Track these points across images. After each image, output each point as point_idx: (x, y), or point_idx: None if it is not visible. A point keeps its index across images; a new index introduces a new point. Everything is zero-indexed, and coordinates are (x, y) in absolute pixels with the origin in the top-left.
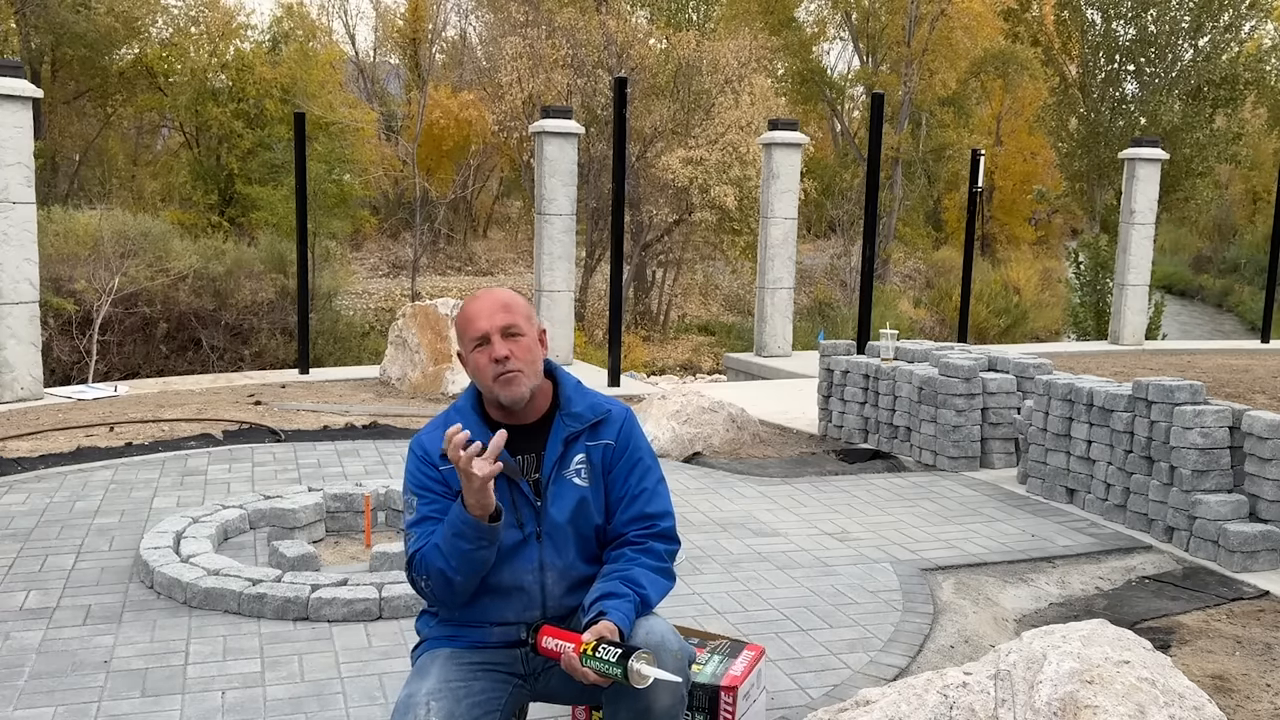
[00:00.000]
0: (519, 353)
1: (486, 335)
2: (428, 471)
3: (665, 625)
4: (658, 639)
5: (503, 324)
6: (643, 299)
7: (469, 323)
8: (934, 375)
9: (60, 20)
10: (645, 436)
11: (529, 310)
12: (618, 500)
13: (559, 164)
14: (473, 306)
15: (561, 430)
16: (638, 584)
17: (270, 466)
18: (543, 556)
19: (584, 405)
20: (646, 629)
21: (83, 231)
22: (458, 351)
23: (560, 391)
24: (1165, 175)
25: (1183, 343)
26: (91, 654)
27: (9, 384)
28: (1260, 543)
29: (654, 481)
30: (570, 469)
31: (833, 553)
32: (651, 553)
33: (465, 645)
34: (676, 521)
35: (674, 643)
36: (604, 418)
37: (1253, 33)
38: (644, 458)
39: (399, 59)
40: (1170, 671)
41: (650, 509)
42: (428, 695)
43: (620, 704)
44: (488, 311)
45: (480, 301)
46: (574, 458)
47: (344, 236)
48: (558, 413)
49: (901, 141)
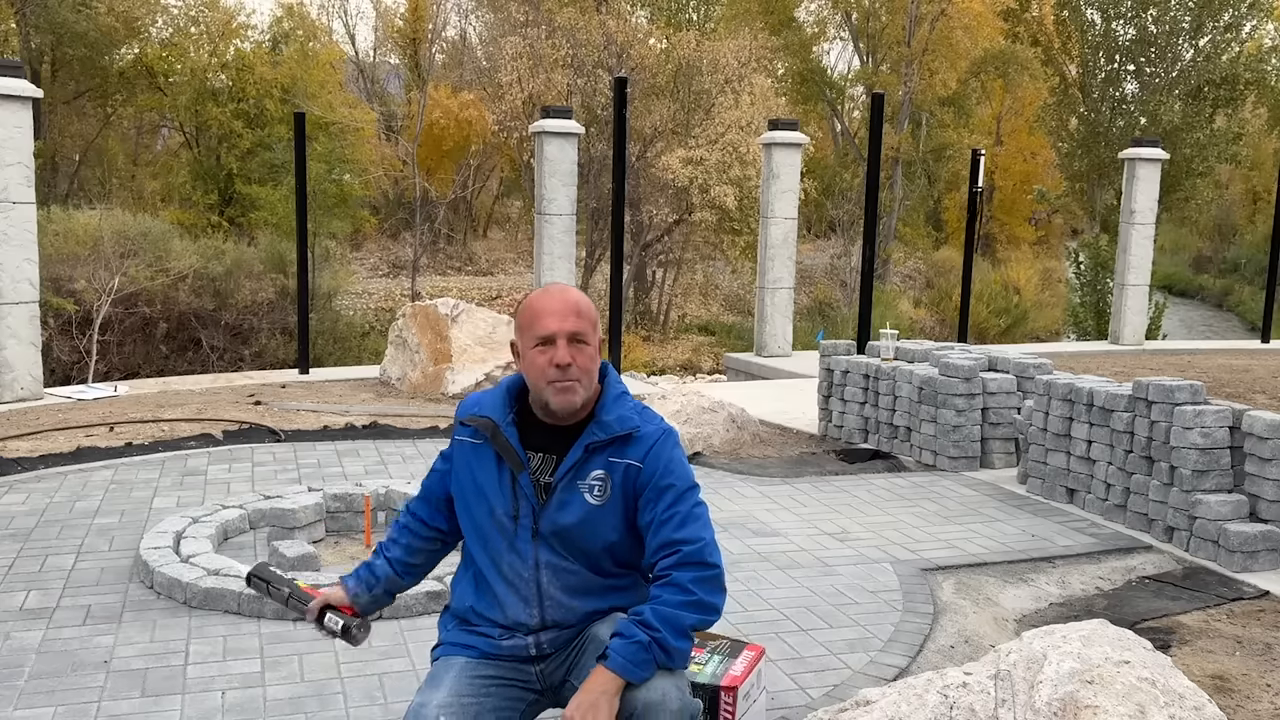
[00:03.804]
0: (582, 362)
1: (553, 337)
2: (451, 441)
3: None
4: (658, 695)
5: (572, 329)
6: (643, 299)
7: (536, 319)
8: (934, 375)
9: (60, 20)
10: (683, 458)
11: (596, 317)
12: (645, 527)
13: (559, 164)
14: (543, 302)
15: (587, 436)
16: (651, 625)
17: (270, 466)
18: (538, 555)
19: (614, 416)
20: (648, 688)
21: (83, 231)
22: (512, 341)
23: (601, 397)
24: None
25: (1183, 343)
26: (91, 654)
27: (9, 384)
28: (1260, 543)
29: (687, 506)
30: (586, 482)
31: (833, 553)
32: (674, 585)
33: (478, 656)
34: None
35: (675, 701)
36: (632, 433)
37: (1253, 33)
38: (675, 482)
39: (399, 59)
40: (1170, 671)
41: (677, 535)
42: (439, 708)
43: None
44: (560, 312)
45: (552, 299)
46: (592, 471)
47: (344, 236)
48: (591, 420)
49: (902, 141)
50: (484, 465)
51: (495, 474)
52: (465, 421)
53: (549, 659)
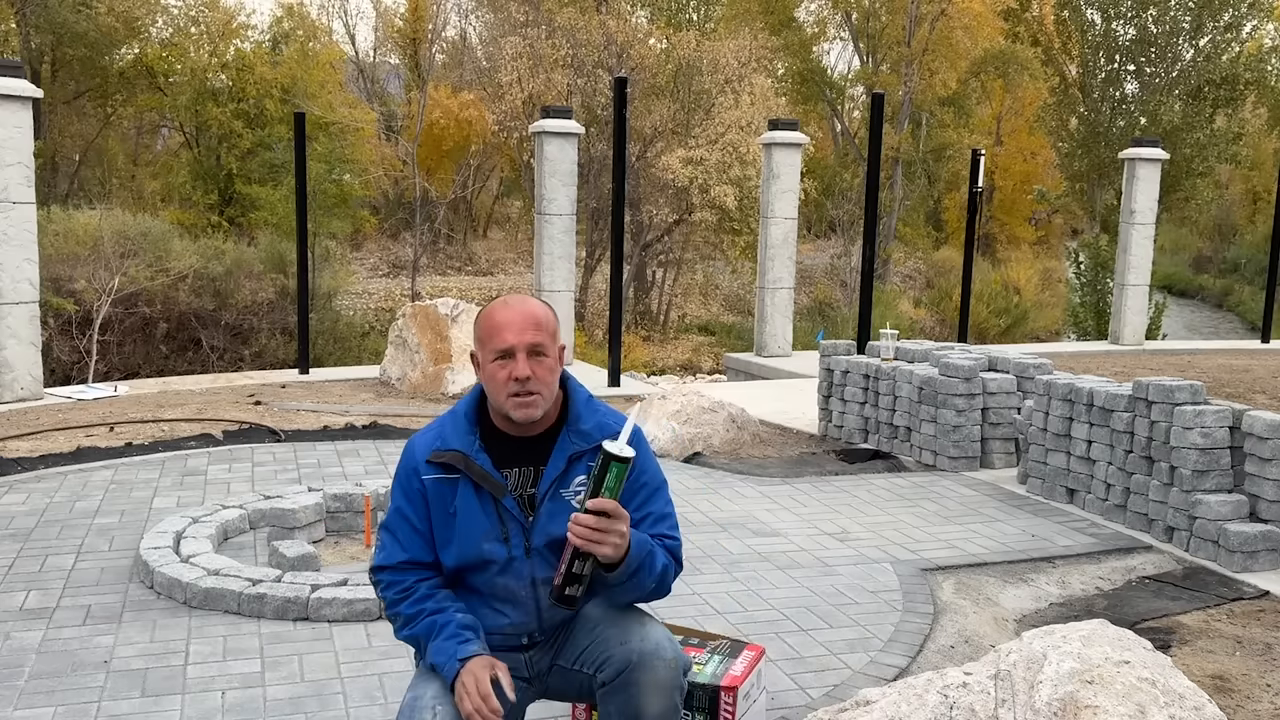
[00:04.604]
0: (541, 374)
1: (511, 350)
2: (410, 480)
3: (664, 631)
4: (653, 645)
5: (530, 342)
6: (643, 299)
7: (495, 332)
8: (934, 375)
9: (60, 20)
10: (651, 453)
11: (556, 327)
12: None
13: (559, 164)
14: (502, 315)
15: (567, 447)
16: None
17: (270, 466)
18: (534, 572)
19: (592, 424)
20: (641, 635)
21: (83, 231)
22: (472, 353)
23: (570, 405)
24: (1165, 175)
25: (1183, 343)
26: (91, 654)
27: (9, 384)
28: (1260, 543)
29: (661, 504)
30: (570, 489)
31: (833, 553)
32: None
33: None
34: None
35: (669, 650)
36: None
37: (1253, 33)
38: (649, 480)
39: (399, 59)
40: (1170, 671)
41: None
42: (433, 699)
43: (612, 705)
44: (517, 325)
45: (511, 311)
46: (575, 478)
47: (344, 236)
48: (564, 428)
49: (902, 141)
50: (461, 497)
51: (475, 503)
52: (432, 460)
53: (538, 646)
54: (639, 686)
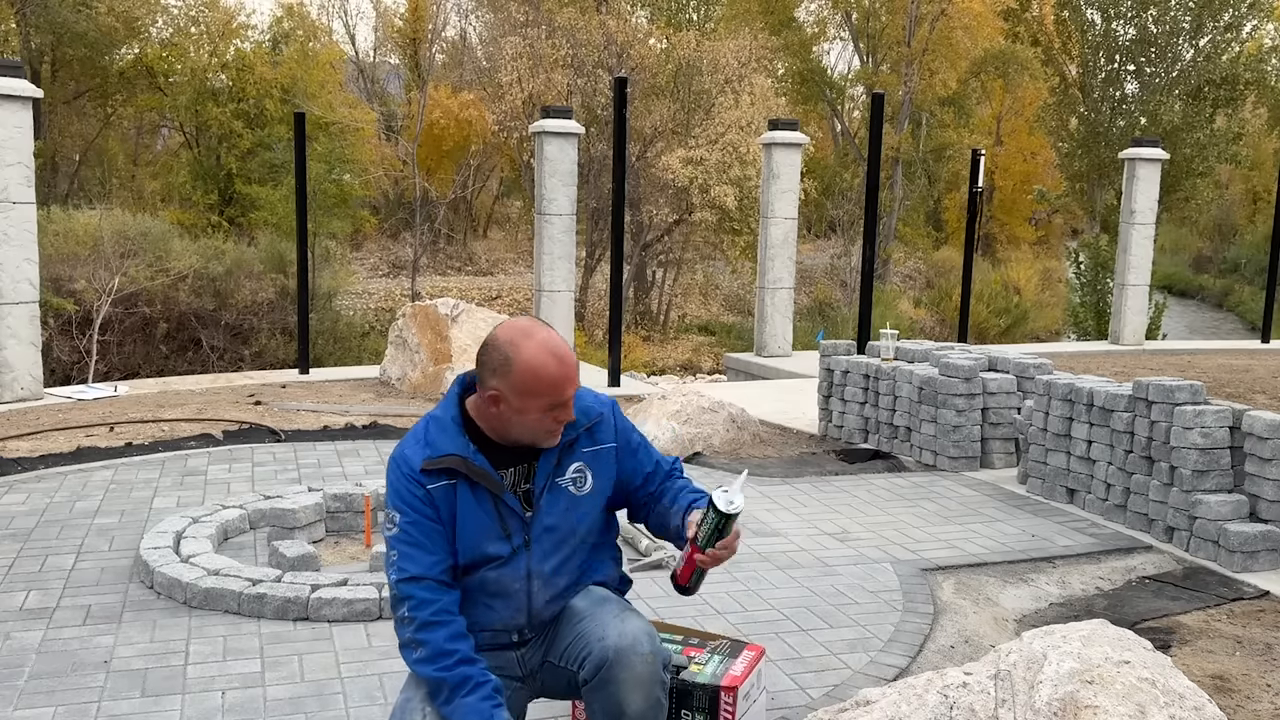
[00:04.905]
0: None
1: (566, 403)
2: (412, 488)
3: (641, 625)
4: (629, 640)
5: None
6: (643, 299)
7: (552, 388)
8: (934, 375)
9: (60, 20)
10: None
11: None
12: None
13: (559, 164)
14: (555, 369)
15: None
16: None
17: (270, 466)
18: (530, 564)
19: (577, 410)
20: (619, 631)
21: (83, 231)
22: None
23: None
24: (1165, 175)
25: (1183, 343)
26: (91, 654)
27: (9, 384)
28: (1260, 543)
29: (655, 453)
30: (566, 477)
31: (833, 553)
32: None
33: None
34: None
35: (646, 645)
36: (598, 420)
37: (1253, 33)
38: (633, 437)
39: (399, 59)
40: (1170, 671)
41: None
42: (424, 701)
43: (595, 703)
44: (569, 379)
45: (560, 364)
46: (571, 465)
47: (344, 236)
48: None
49: (902, 141)
50: (461, 500)
51: (474, 503)
52: (429, 469)
53: (529, 643)
54: (618, 684)
